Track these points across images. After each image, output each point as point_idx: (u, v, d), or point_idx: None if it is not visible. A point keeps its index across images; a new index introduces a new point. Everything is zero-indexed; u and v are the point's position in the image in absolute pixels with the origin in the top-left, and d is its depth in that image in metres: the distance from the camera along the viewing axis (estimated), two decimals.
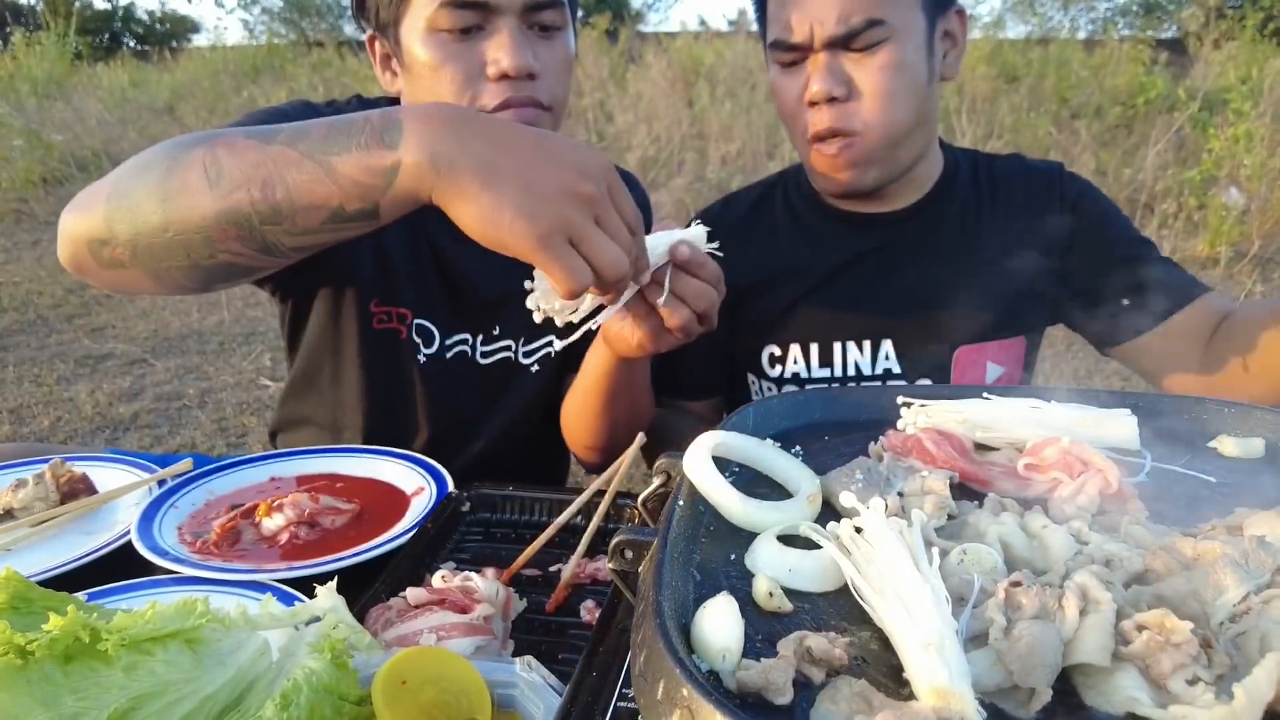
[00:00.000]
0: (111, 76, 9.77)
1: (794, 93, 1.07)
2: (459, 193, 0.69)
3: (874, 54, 1.03)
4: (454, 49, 0.99)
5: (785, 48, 1.06)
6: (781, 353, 1.19)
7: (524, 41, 0.99)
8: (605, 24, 9.74)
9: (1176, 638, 0.35)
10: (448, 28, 0.98)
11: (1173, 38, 9.33)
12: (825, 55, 1.03)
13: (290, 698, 0.53)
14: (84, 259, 0.81)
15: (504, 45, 0.98)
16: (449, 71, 0.99)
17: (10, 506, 0.98)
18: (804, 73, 1.06)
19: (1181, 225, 5.30)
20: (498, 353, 1.22)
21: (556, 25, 1.04)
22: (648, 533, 0.50)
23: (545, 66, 1.02)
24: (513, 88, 0.99)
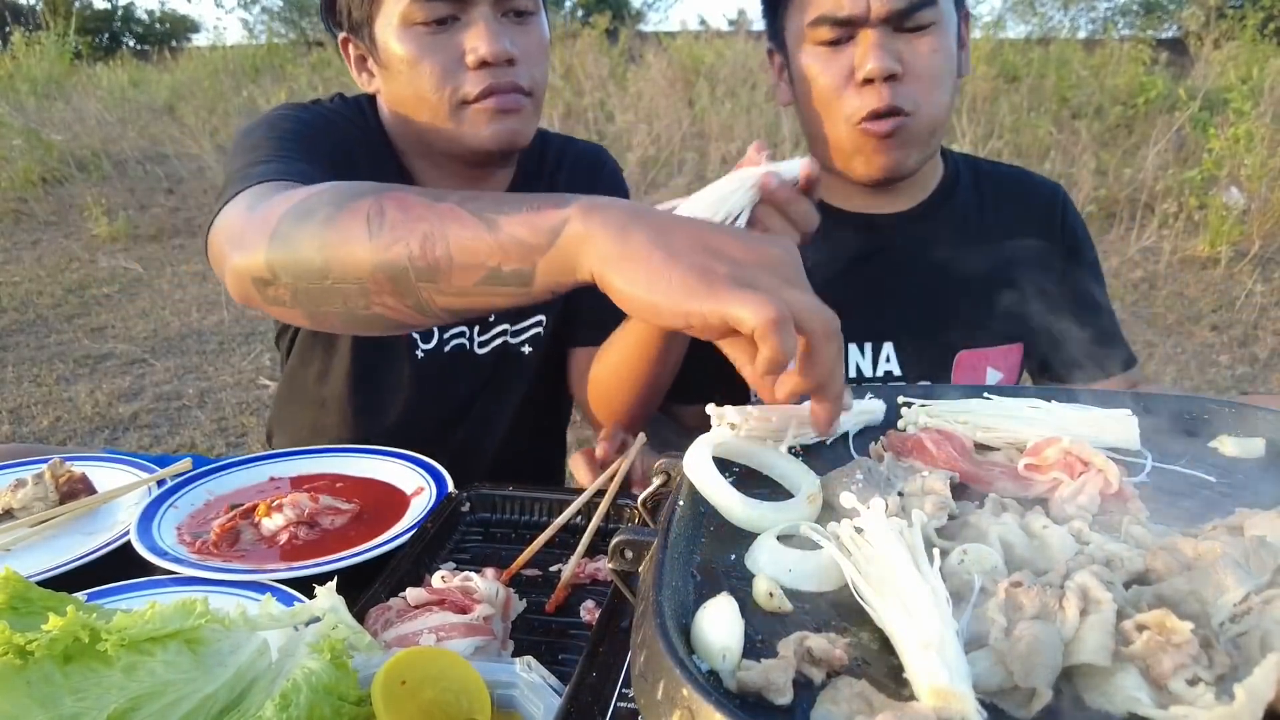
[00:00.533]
0: (111, 76, 9.76)
1: (839, 73, 1.02)
2: (627, 253, 0.59)
3: (924, 36, 1.00)
4: (430, 41, 1.00)
5: (833, 23, 1.00)
6: None
7: (500, 28, 1.01)
8: (605, 24, 9.74)
9: (1177, 638, 0.35)
10: (422, 20, 0.99)
11: (1173, 37, 9.33)
12: (878, 32, 0.99)
13: (290, 698, 0.52)
14: (251, 295, 0.80)
15: (481, 33, 0.99)
16: (428, 64, 1.00)
17: (10, 506, 0.98)
18: (847, 52, 1.01)
19: (1182, 225, 5.30)
20: (494, 339, 1.21)
21: (529, 10, 1.05)
22: (648, 533, 0.50)
23: (522, 52, 1.03)
24: (493, 74, 1.00)
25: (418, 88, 1.02)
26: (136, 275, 5.30)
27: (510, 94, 1.02)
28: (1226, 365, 3.85)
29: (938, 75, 1.02)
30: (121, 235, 5.91)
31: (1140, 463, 0.61)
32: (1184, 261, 5.07)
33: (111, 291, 5.05)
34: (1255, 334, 4.16)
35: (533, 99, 1.06)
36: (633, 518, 0.90)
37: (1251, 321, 4.27)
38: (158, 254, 5.69)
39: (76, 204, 6.26)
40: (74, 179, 6.77)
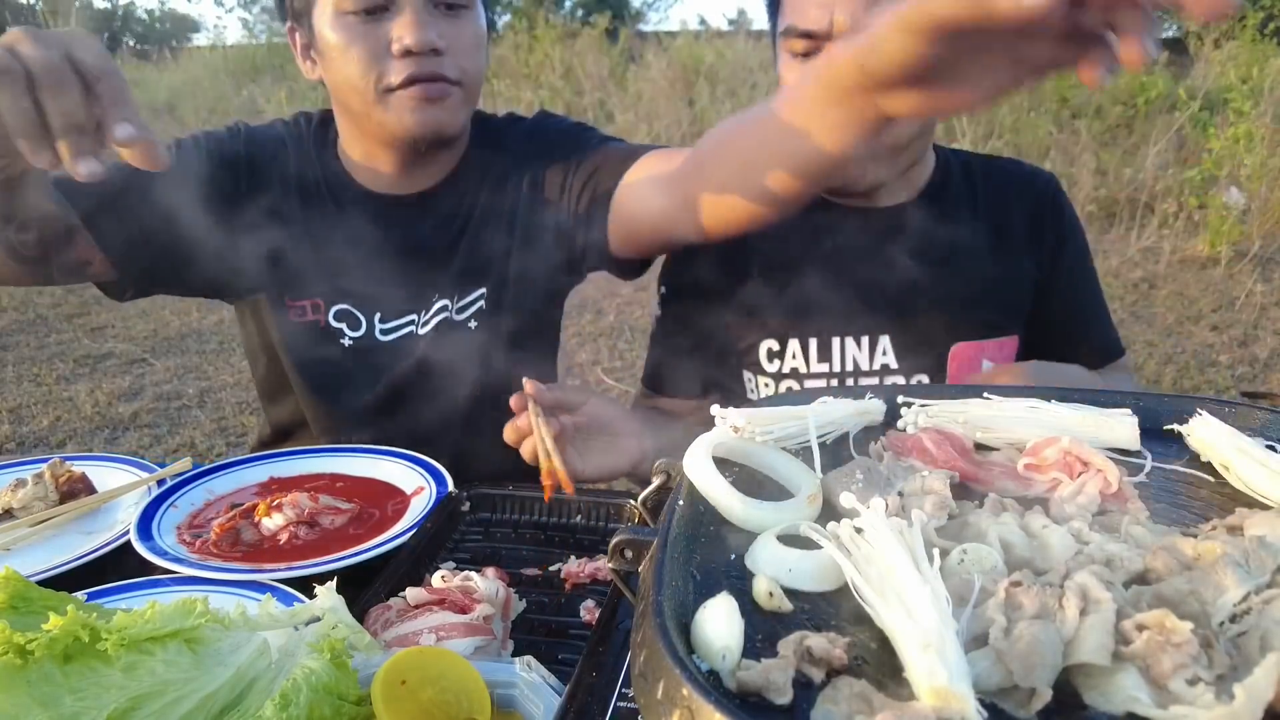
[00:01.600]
0: None
1: None
2: None
3: None
4: (360, 29, 1.04)
5: (798, 34, 1.04)
6: (780, 347, 1.20)
7: (427, 19, 1.04)
8: (605, 23, 9.73)
9: (1177, 638, 0.35)
10: (353, 10, 1.03)
11: (1173, 37, 9.32)
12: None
13: (290, 697, 0.52)
14: None
15: (407, 23, 1.02)
16: (356, 50, 1.04)
17: (10, 506, 0.98)
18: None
19: (1182, 225, 5.30)
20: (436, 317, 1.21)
21: (461, 4, 1.08)
22: (648, 532, 0.50)
23: (451, 43, 1.06)
24: (417, 63, 1.04)
25: (347, 74, 1.05)
26: None
27: (434, 83, 1.05)
28: (1226, 365, 3.85)
29: None
30: None
31: (1140, 463, 0.61)
32: (1184, 261, 5.07)
33: None
34: (1255, 334, 4.16)
35: (462, 88, 1.09)
36: (633, 517, 0.90)
37: (1251, 321, 4.27)
38: None
39: None
40: None
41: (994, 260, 1.17)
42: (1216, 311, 4.42)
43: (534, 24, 9.42)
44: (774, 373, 1.21)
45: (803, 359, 1.19)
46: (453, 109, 1.09)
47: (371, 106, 1.07)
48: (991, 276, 1.16)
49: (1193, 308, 4.49)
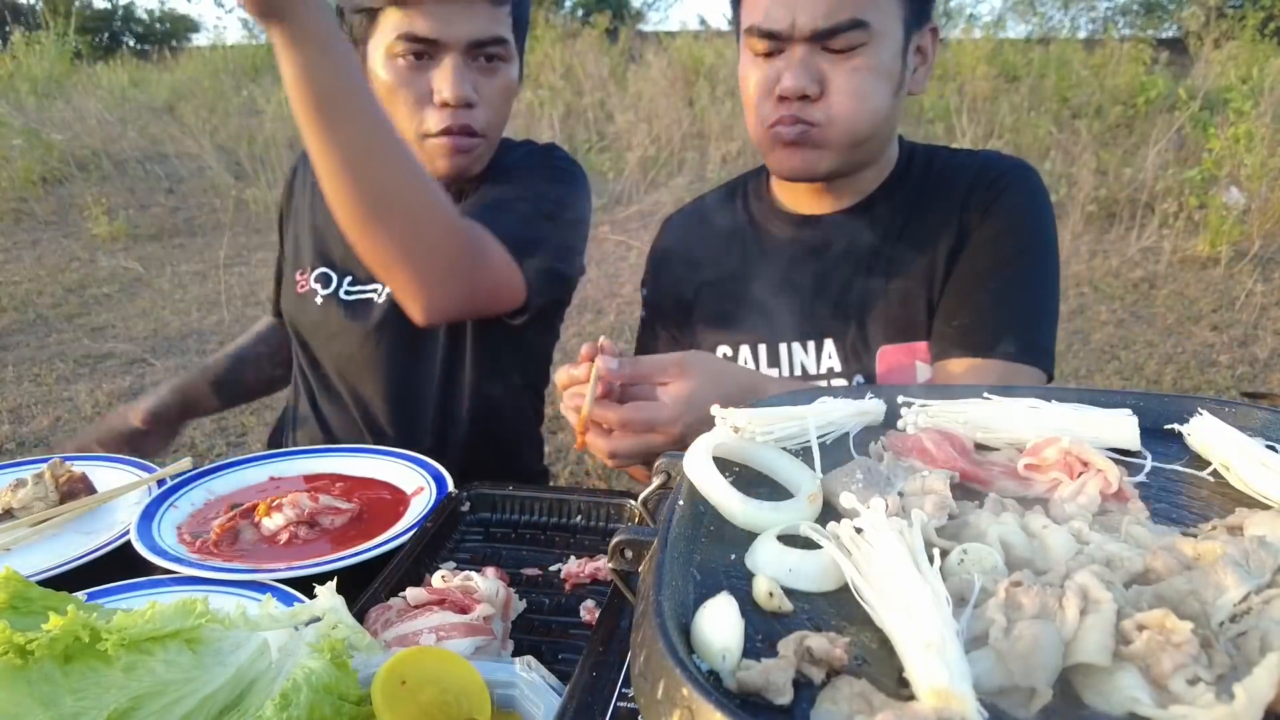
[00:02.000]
0: (111, 76, 9.76)
1: (764, 83, 1.07)
2: None
3: (851, 56, 1.03)
4: (407, 75, 1.14)
5: (761, 34, 1.05)
6: (733, 354, 1.21)
7: (465, 74, 1.14)
8: (605, 23, 9.74)
9: (1177, 638, 0.35)
10: (401, 54, 1.13)
11: (1173, 37, 9.33)
12: (803, 50, 1.03)
13: (290, 697, 0.52)
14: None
15: (447, 76, 1.12)
16: (403, 95, 1.14)
17: (10, 506, 0.98)
18: (776, 64, 1.06)
19: (1182, 225, 5.30)
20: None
21: (500, 58, 1.17)
22: (648, 532, 0.50)
23: (484, 97, 1.16)
24: (452, 115, 1.14)
25: (394, 112, 1.15)
26: (137, 275, 5.30)
27: (464, 136, 1.16)
28: (1226, 365, 3.85)
29: (859, 93, 1.04)
30: (121, 235, 5.91)
31: (1140, 463, 0.61)
32: (1184, 261, 5.08)
33: (111, 291, 5.05)
34: (1255, 334, 4.16)
35: (485, 139, 1.19)
36: (633, 517, 0.90)
37: (1251, 321, 4.27)
38: (158, 254, 5.69)
39: (76, 204, 6.26)
40: (74, 179, 6.77)
41: (925, 262, 1.12)
42: (1216, 311, 4.42)
43: (534, 24, 9.42)
44: None
45: (753, 364, 1.20)
46: (477, 158, 1.20)
47: (412, 144, 1.17)
48: (915, 278, 1.12)
49: (1193, 308, 4.49)
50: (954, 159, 1.20)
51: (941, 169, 1.18)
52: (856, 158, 1.11)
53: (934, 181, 1.17)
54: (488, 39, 1.13)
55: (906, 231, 1.15)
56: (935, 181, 1.17)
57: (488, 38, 1.13)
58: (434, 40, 1.11)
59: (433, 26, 1.10)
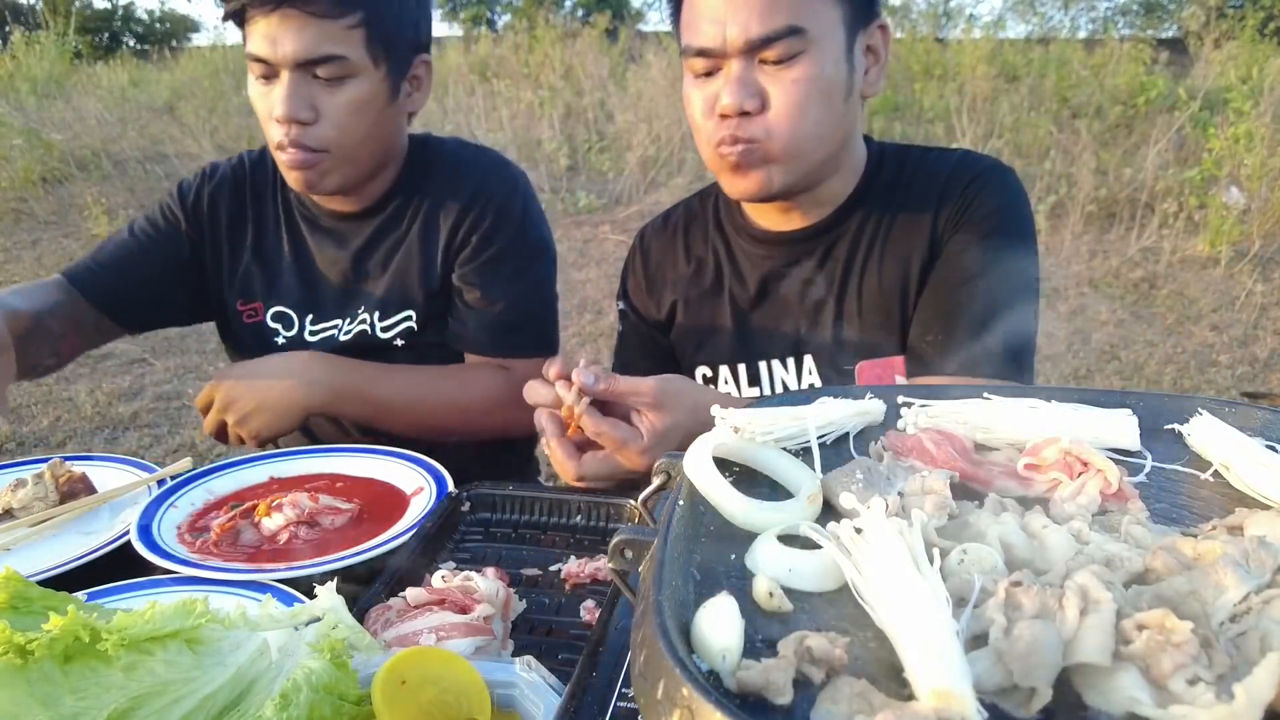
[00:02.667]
0: (111, 76, 9.76)
1: (704, 103, 1.03)
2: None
3: (790, 66, 0.98)
4: (260, 91, 1.19)
5: (695, 53, 1.01)
6: (712, 374, 1.21)
7: (298, 91, 1.15)
8: (605, 23, 9.74)
9: (1177, 638, 0.35)
10: (252, 72, 1.18)
11: (1173, 37, 9.34)
12: (739, 65, 0.99)
13: (290, 697, 0.52)
14: None
15: (279, 95, 1.16)
16: (258, 109, 1.20)
17: (10, 506, 0.98)
18: (715, 83, 1.02)
19: (1182, 225, 5.30)
20: (357, 327, 1.34)
21: (337, 76, 1.17)
22: (648, 532, 0.50)
23: (324, 113, 1.17)
24: (284, 132, 1.17)
25: (263, 126, 1.21)
26: None
27: (296, 150, 1.17)
28: (1226, 365, 3.85)
29: (803, 106, 0.99)
30: None
31: (1140, 463, 0.61)
32: (1184, 261, 5.08)
33: None
34: (1255, 334, 4.16)
35: (330, 155, 1.19)
36: (633, 517, 0.90)
37: (1251, 321, 4.27)
38: None
39: (76, 203, 6.26)
40: (74, 178, 6.77)
41: (897, 274, 1.11)
42: (1216, 311, 4.42)
43: (534, 24, 9.43)
44: None
45: (734, 384, 1.19)
46: (321, 172, 1.21)
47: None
48: (887, 289, 1.11)
49: (1193, 308, 4.49)
50: (925, 161, 1.14)
51: (913, 173, 1.13)
52: (811, 171, 1.06)
53: (905, 187, 1.13)
54: (318, 57, 1.13)
55: (879, 243, 1.12)
56: (906, 187, 1.13)
57: (317, 56, 1.13)
58: (265, 60, 1.14)
59: (262, 46, 1.13)
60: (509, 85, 7.97)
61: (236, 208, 1.37)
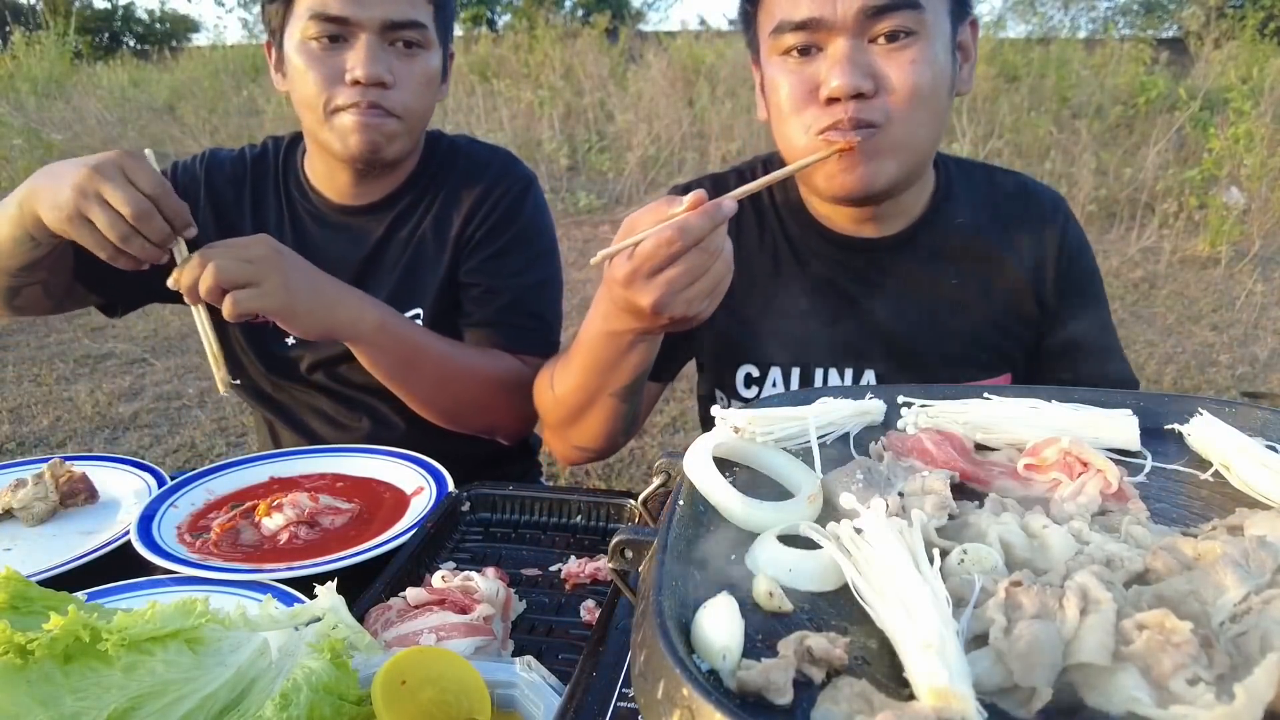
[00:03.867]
0: (111, 76, 9.76)
1: (802, 88, 0.92)
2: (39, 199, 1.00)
3: (904, 47, 0.89)
4: (320, 56, 1.13)
5: (794, 27, 0.90)
6: (760, 373, 1.13)
7: (379, 54, 1.12)
8: (605, 23, 9.74)
9: (1177, 638, 0.35)
10: (315, 36, 1.12)
11: (1173, 37, 9.34)
12: (847, 42, 0.89)
13: (290, 697, 0.53)
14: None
15: (360, 56, 1.11)
16: (313, 74, 1.13)
17: (10, 506, 0.98)
18: (814, 65, 0.91)
19: (1182, 225, 5.30)
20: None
21: (417, 43, 1.15)
22: (648, 532, 0.50)
23: (399, 79, 1.14)
24: (362, 93, 1.12)
25: (304, 93, 1.14)
26: None
27: (374, 110, 1.13)
28: (1226, 365, 3.85)
29: (920, 91, 0.89)
30: None
31: (1140, 463, 0.61)
32: (1184, 261, 5.08)
33: None
34: (1255, 334, 4.16)
35: (402, 121, 1.17)
36: (633, 517, 0.90)
37: (1251, 321, 4.27)
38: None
39: None
40: None
41: (989, 294, 1.08)
42: (1216, 311, 4.42)
43: (534, 24, 9.43)
44: (750, 399, 1.13)
45: (783, 387, 1.12)
46: (390, 136, 1.17)
47: (320, 125, 1.15)
48: (986, 312, 1.08)
49: (1193, 308, 4.49)
50: (993, 182, 1.13)
51: (986, 193, 1.11)
52: (915, 169, 0.98)
53: (979, 206, 1.09)
54: (403, 21, 1.12)
55: (960, 264, 1.08)
56: (980, 206, 1.10)
57: (403, 19, 1.12)
58: (346, 19, 1.09)
59: (346, 6, 1.09)
60: (509, 85, 7.97)
61: (234, 196, 1.31)
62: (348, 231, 1.29)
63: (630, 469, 3.15)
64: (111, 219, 0.96)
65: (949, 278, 1.08)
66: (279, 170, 1.33)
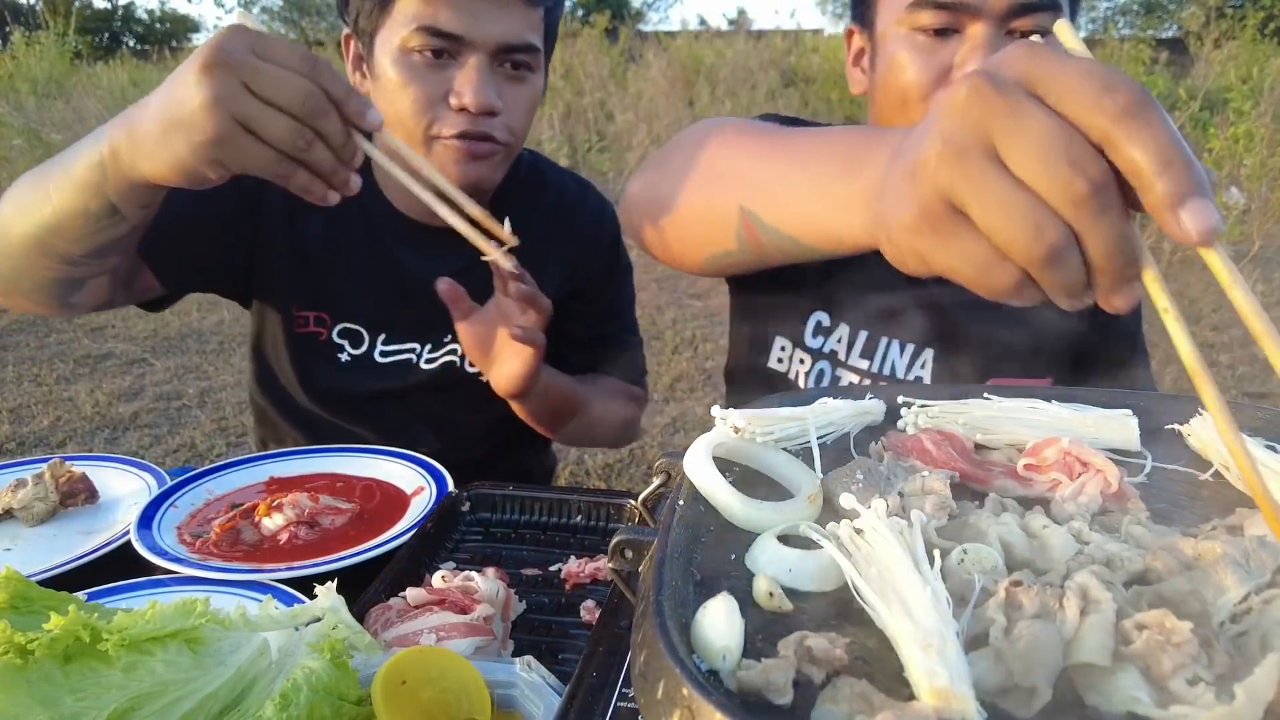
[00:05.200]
0: (111, 76, 9.76)
1: (933, 69, 0.89)
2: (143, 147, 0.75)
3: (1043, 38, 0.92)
4: (422, 72, 1.02)
5: (937, 7, 0.88)
6: (831, 324, 1.09)
7: (490, 79, 1.02)
8: (605, 23, 9.74)
9: (1177, 637, 0.35)
10: (420, 49, 1.01)
11: (1173, 37, 9.34)
12: (988, 29, 0.88)
13: (290, 697, 0.53)
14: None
15: (470, 80, 1.01)
16: (414, 92, 1.02)
17: (10, 506, 0.98)
18: (949, 47, 0.89)
19: None
20: (444, 356, 1.23)
21: (528, 66, 1.06)
22: (648, 532, 0.50)
23: (508, 105, 1.05)
24: (471, 121, 1.03)
25: (399, 110, 1.03)
26: None
27: (483, 143, 1.05)
28: (1226, 365, 3.85)
29: None
30: None
31: (1141, 463, 0.61)
32: (1184, 261, 5.07)
33: None
34: None
35: (508, 150, 1.09)
36: (632, 517, 0.90)
37: None
38: None
39: None
40: None
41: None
42: (1217, 311, 4.42)
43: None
44: (813, 349, 1.12)
45: (846, 346, 1.10)
46: (495, 166, 1.09)
47: (416, 146, 1.04)
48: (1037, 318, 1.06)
49: (1193, 308, 4.49)
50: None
51: None
52: None
53: None
54: (519, 44, 1.02)
55: None
56: None
57: (519, 42, 1.02)
58: (459, 37, 0.99)
59: (460, 21, 0.98)
60: None
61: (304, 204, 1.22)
62: (431, 251, 1.17)
63: (630, 469, 3.15)
64: (285, 125, 0.68)
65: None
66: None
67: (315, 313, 1.19)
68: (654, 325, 4.35)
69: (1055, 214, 0.39)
